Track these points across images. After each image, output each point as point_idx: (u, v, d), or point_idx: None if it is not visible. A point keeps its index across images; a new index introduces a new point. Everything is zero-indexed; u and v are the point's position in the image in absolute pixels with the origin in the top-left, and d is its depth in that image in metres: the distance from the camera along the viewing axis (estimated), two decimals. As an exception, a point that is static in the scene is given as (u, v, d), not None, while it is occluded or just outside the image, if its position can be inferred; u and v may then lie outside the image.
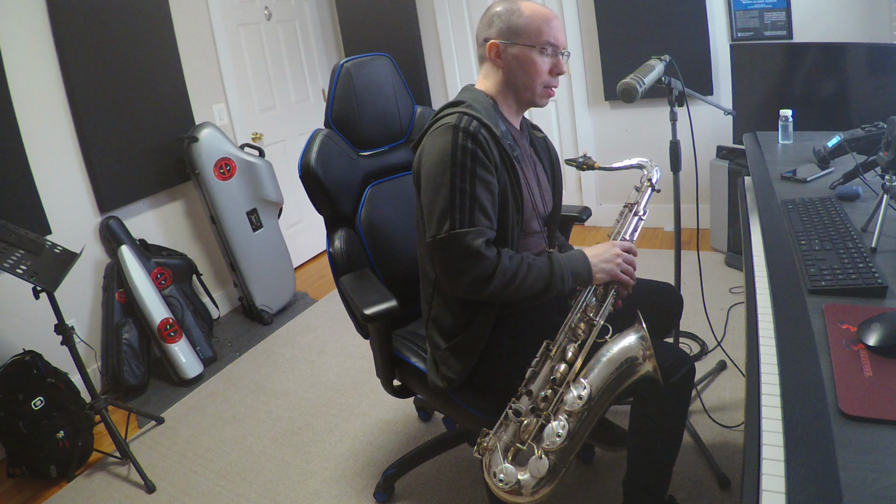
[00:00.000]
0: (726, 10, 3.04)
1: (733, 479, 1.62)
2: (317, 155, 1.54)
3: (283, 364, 2.70)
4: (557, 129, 3.72)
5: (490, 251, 1.22)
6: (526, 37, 1.28)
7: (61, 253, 1.99)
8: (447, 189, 1.21)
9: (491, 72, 1.35)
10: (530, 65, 1.29)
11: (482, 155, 1.21)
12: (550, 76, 1.32)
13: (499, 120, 1.31)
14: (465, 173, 1.20)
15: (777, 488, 0.66)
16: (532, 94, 1.33)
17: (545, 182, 1.46)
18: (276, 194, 3.15)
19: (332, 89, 1.61)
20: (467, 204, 1.20)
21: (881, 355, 0.83)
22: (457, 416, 1.49)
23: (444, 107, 1.33)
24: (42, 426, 2.05)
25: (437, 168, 1.22)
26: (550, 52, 1.30)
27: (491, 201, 1.23)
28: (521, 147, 1.39)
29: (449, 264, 1.23)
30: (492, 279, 1.21)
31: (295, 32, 3.82)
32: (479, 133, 1.22)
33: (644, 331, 1.15)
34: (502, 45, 1.30)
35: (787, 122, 1.97)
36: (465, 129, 1.21)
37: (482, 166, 1.21)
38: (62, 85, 2.53)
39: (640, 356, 1.15)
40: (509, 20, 1.29)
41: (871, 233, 1.17)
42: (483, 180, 1.21)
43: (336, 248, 1.57)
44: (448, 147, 1.21)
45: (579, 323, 1.24)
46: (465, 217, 1.20)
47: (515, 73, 1.31)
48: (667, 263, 1.87)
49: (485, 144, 1.22)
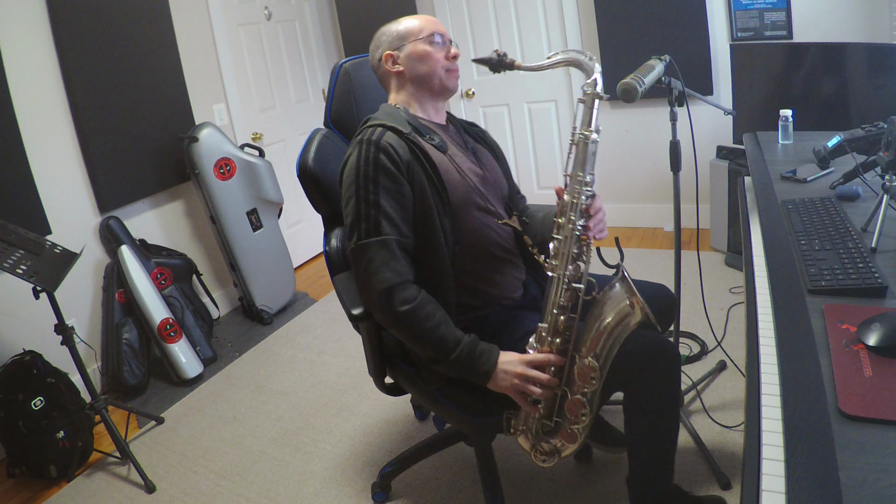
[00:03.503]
0: (726, 10, 3.04)
1: (733, 479, 1.62)
2: (315, 154, 1.55)
3: (283, 364, 2.70)
4: (557, 128, 3.72)
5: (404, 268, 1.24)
6: (411, 35, 1.39)
7: (61, 253, 1.99)
8: (354, 201, 1.26)
9: (394, 82, 1.43)
10: (425, 55, 1.37)
11: (386, 160, 1.25)
12: (447, 61, 1.39)
13: (410, 120, 1.36)
14: (369, 183, 1.24)
15: (777, 488, 0.66)
16: (438, 79, 1.39)
17: (492, 163, 1.50)
18: (276, 194, 3.15)
19: (332, 89, 1.62)
20: (372, 213, 1.24)
21: (881, 355, 0.83)
22: (445, 416, 1.50)
23: (360, 126, 1.39)
24: (42, 426, 2.05)
25: (346, 181, 1.29)
26: (438, 40, 1.39)
27: (398, 210, 1.26)
28: (447, 136, 1.43)
29: (359, 275, 1.26)
30: (404, 300, 1.22)
31: (295, 32, 3.82)
32: (382, 139, 1.27)
33: (628, 280, 1.15)
34: (395, 52, 1.40)
35: (787, 122, 1.97)
36: (368, 140, 1.27)
37: (386, 173, 1.25)
38: (62, 85, 2.53)
39: (629, 307, 1.15)
40: (391, 31, 1.41)
41: (871, 233, 1.17)
42: (388, 189, 1.25)
43: (332, 247, 1.57)
44: (355, 161, 1.27)
45: (563, 293, 1.22)
46: (370, 227, 1.24)
47: (415, 68, 1.38)
48: (667, 263, 1.87)
49: (389, 149, 1.26)
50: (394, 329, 1.28)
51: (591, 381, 1.19)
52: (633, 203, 3.64)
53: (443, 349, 1.23)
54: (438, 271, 1.31)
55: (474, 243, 1.36)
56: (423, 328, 1.23)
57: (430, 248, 1.29)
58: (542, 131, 3.77)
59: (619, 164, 3.58)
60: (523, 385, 1.21)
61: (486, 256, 1.38)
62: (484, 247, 1.38)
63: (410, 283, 1.25)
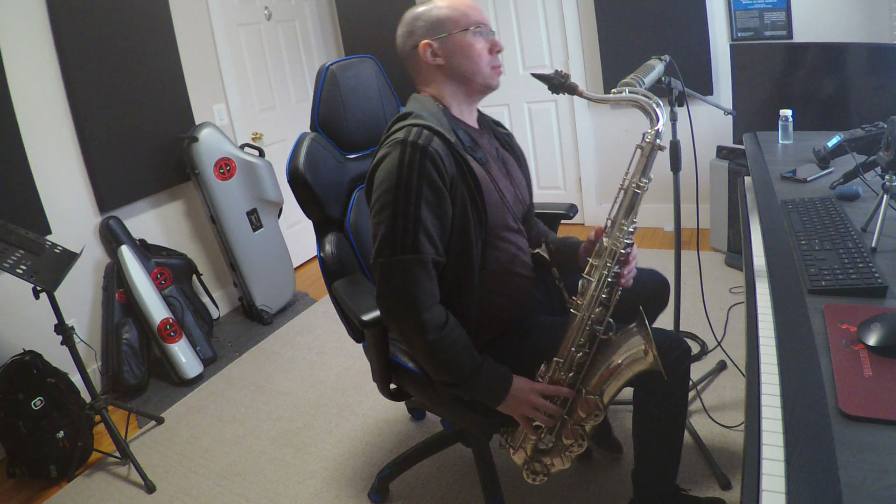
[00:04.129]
0: (726, 10, 3.04)
1: (733, 479, 1.62)
2: (305, 159, 1.52)
3: (283, 364, 2.70)
4: (557, 128, 3.72)
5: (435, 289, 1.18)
6: (455, 24, 1.24)
7: (61, 253, 1.99)
8: (391, 211, 1.14)
9: (431, 74, 1.29)
10: (470, 49, 1.24)
11: (431, 169, 1.13)
12: (492, 56, 1.28)
13: (452, 125, 1.25)
14: (411, 193, 1.13)
15: (777, 488, 0.66)
16: (483, 77, 1.27)
17: (520, 176, 1.43)
18: (276, 194, 3.15)
19: (318, 92, 1.60)
20: (410, 228, 1.13)
21: (881, 355, 0.83)
22: (456, 419, 1.49)
23: (393, 121, 1.27)
24: (42, 426, 2.05)
25: (383, 186, 1.16)
26: (484, 31, 1.27)
27: (438, 226, 1.16)
28: (484, 147, 1.33)
29: (388, 291, 1.17)
30: (436, 327, 1.16)
31: (295, 32, 3.82)
32: (430, 145, 1.15)
33: (647, 327, 1.15)
34: (434, 41, 1.25)
35: (787, 122, 1.97)
36: (413, 144, 1.14)
37: (430, 185, 1.14)
38: (62, 85, 2.53)
39: (643, 353, 1.15)
40: (431, 16, 1.26)
41: (871, 233, 1.16)
42: (430, 202, 1.14)
43: (327, 253, 1.55)
44: (395, 164, 1.14)
45: (583, 333, 1.22)
46: (407, 242, 1.13)
47: (458, 63, 1.25)
48: (667, 263, 1.87)
49: (436, 157, 1.14)
50: (415, 352, 1.23)
51: (593, 417, 1.21)
52: (633, 203, 3.63)
53: (461, 374, 1.20)
54: (464, 292, 1.24)
55: (502, 266, 1.30)
56: (447, 356, 1.18)
57: (460, 269, 1.22)
58: (542, 131, 3.77)
59: (620, 164, 3.58)
60: (531, 412, 1.23)
61: (511, 277, 1.33)
62: (510, 270, 1.32)
63: (440, 307, 1.19)
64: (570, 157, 3.75)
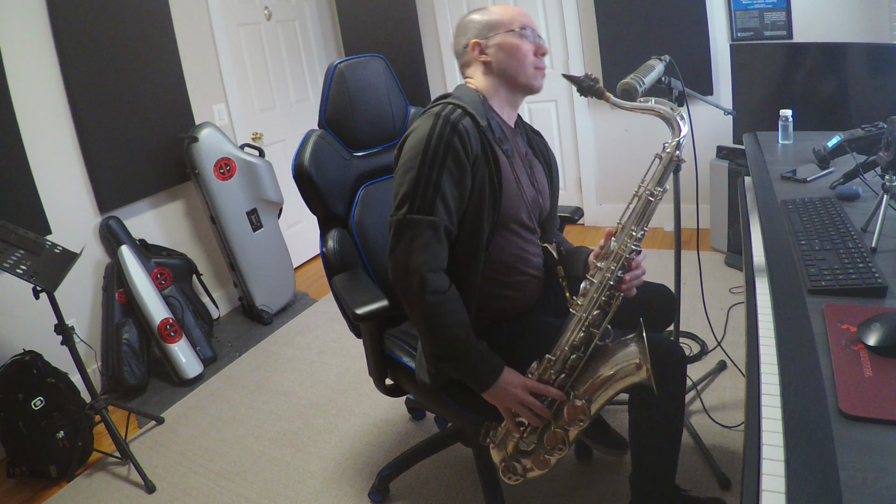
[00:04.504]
0: (726, 10, 3.04)
1: (733, 479, 1.62)
2: (310, 156, 1.54)
3: (283, 364, 2.70)
4: (557, 128, 3.72)
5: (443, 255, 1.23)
6: (502, 26, 1.33)
7: (61, 253, 1.99)
8: (414, 173, 1.21)
9: (478, 70, 1.37)
10: (515, 49, 1.32)
11: (458, 144, 1.21)
12: (536, 57, 1.35)
13: (487, 114, 1.32)
14: (436, 162, 1.20)
15: (777, 488, 0.66)
16: (525, 76, 1.34)
17: (544, 183, 1.45)
18: (276, 194, 3.15)
19: (326, 90, 1.61)
20: (430, 192, 1.20)
21: (881, 355, 0.83)
22: (447, 414, 1.50)
23: (434, 101, 1.35)
24: (42, 426, 2.05)
25: (410, 152, 1.24)
26: (529, 34, 1.34)
27: (456, 197, 1.23)
28: (513, 144, 1.38)
29: (399, 248, 1.22)
30: (436, 290, 1.20)
31: (295, 32, 3.82)
32: (461, 123, 1.22)
33: (644, 341, 1.14)
34: (483, 41, 1.34)
35: (787, 122, 1.97)
36: (446, 118, 1.22)
37: (454, 157, 1.21)
38: (62, 85, 2.53)
39: (636, 367, 1.15)
40: (483, 19, 1.35)
41: (871, 233, 1.17)
42: (452, 173, 1.21)
43: (329, 248, 1.56)
44: (425, 133, 1.22)
45: (579, 334, 1.22)
46: (424, 204, 1.20)
47: (503, 61, 1.33)
48: (667, 263, 1.87)
49: (464, 134, 1.21)
50: (413, 313, 1.25)
51: (577, 423, 1.20)
52: (633, 203, 3.63)
53: (453, 348, 1.23)
54: (468, 270, 1.29)
55: (509, 258, 1.34)
56: (443, 322, 1.21)
57: (467, 246, 1.27)
58: (542, 131, 3.74)
59: (619, 164, 3.58)
60: (517, 407, 1.23)
61: (517, 272, 1.36)
62: (516, 265, 1.36)
63: (444, 273, 1.24)
64: (570, 157, 3.75)
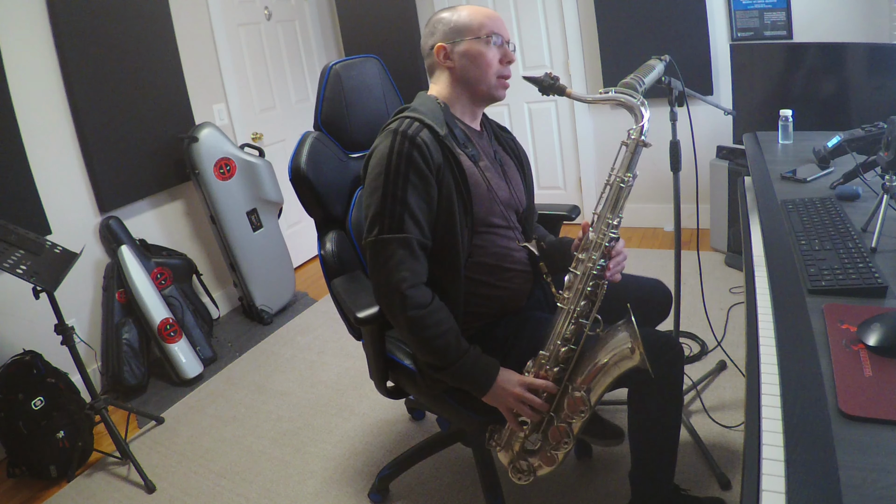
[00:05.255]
0: (726, 10, 3.04)
1: (733, 479, 1.62)
2: (307, 157, 1.53)
3: (283, 364, 2.70)
4: (557, 128, 3.72)
5: (421, 269, 1.23)
6: (470, 31, 1.30)
7: (61, 253, 1.99)
8: (380, 193, 1.22)
9: (441, 76, 1.36)
10: (479, 57, 1.30)
11: (418, 158, 1.21)
12: (501, 66, 1.33)
13: (448, 122, 1.31)
14: (399, 178, 1.21)
15: (777, 488, 0.66)
16: (487, 86, 1.33)
17: (517, 180, 1.46)
18: (276, 194, 3.15)
19: (321, 92, 1.61)
20: (397, 209, 1.21)
21: (881, 355, 0.83)
22: (450, 416, 1.49)
23: (393, 115, 1.34)
24: (42, 426, 2.05)
25: (374, 171, 1.24)
26: (497, 41, 1.31)
27: (424, 209, 1.23)
28: (480, 147, 1.38)
29: (377, 269, 1.23)
30: (418, 304, 1.20)
31: (295, 32, 3.82)
32: (419, 136, 1.22)
33: (633, 325, 1.15)
34: (449, 45, 1.32)
35: (787, 122, 1.97)
36: (403, 133, 1.22)
37: (417, 171, 1.21)
38: (62, 85, 2.53)
39: (629, 351, 1.15)
40: (451, 21, 1.32)
41: (871, 233, 1.17)
42: (416, 186, 1.21)
43: (328, 251, 1.56)
44: (386, 152, 1.23)
45: (569, 327, 1.23)
46: (393, 222, 1.21)
47: (466, 69, 1.32)
48: (667, 263, 1.87)
49: (423, 147, 1.22)
50: (401, 330, 1.26)
51: (579, 414, 1.21)
52: (633, 203, 3.61)
53: (445, 357, 1.23)
54: (450, 278, 1.29)
55: (491, 259, 1.35)
56: (430, 334, 1.22)
57: (445, 254, 1.27)
58: (542, 131, 3.77)
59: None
60: (517, 405, 1.24)
61: (501, 271, 1.37)
62: (500, 264, 1.36)
63: (425, 287, 1.24)
64: (570, 157, 3.75)
